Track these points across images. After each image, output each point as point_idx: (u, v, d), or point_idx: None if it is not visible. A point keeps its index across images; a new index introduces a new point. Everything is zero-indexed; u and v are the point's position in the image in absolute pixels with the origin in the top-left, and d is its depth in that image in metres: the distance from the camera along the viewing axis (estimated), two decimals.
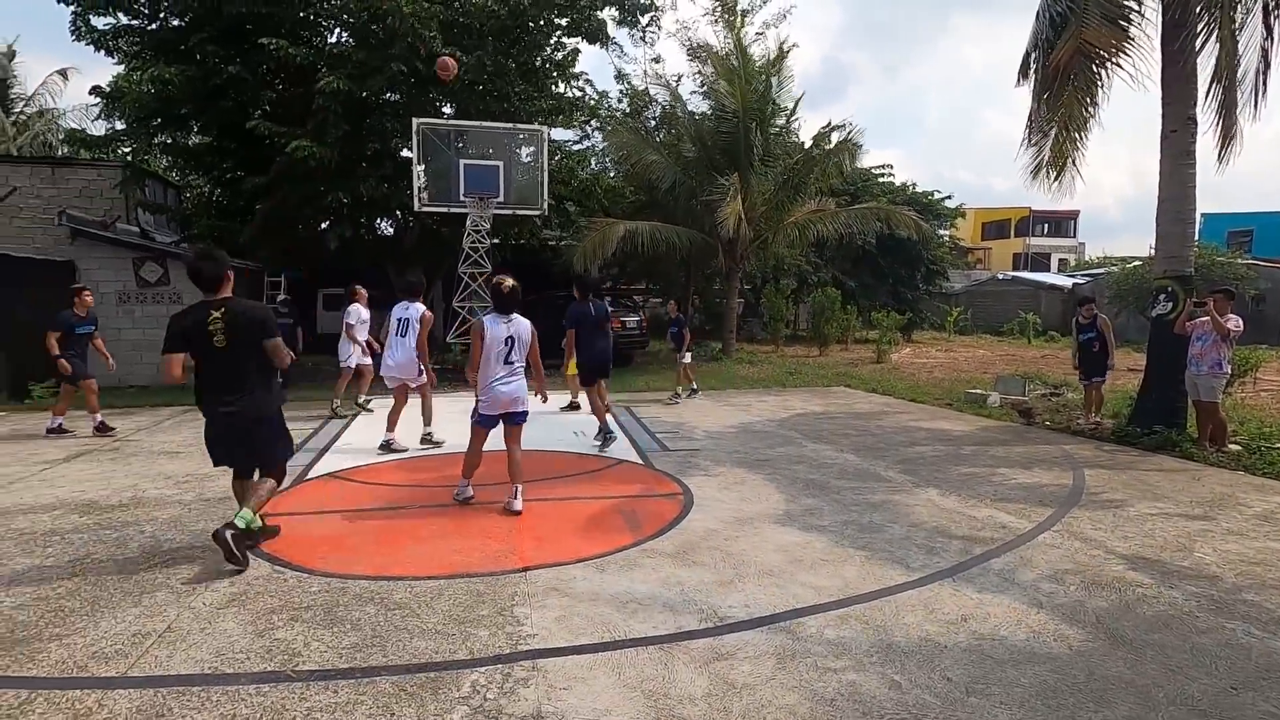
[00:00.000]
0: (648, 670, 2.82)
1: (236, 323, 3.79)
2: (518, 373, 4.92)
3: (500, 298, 4.91)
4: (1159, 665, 2.90)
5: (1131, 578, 3.82)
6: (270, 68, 12.14)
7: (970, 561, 4.03)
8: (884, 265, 22.36)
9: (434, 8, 11.38)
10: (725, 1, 18.19)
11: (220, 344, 3.75)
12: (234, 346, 3.79)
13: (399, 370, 7.00)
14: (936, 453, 7.00)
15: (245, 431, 3.93)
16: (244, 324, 3.81)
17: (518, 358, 4.88)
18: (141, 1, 11.87)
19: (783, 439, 7.59)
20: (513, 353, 4.84)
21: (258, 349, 3.87)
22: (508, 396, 4.86)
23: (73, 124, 20.91)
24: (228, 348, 3.77)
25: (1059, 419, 8.82)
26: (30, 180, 13.79)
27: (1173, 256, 7.79)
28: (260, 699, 2.60)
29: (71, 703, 2.57)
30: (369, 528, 4.60)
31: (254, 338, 3.84)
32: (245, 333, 3.81)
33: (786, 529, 4.59)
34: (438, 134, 12.24)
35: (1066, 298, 27.09)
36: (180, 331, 3.79)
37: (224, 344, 3.76)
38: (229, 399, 3.83)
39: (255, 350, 3.86)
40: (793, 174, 15.88)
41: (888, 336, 17.46)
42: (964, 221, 31.27)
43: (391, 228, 16.32)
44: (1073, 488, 5.70)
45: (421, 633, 3.11)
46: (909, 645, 3.04)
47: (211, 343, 3.75)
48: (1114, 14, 7.47)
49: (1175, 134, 7.53)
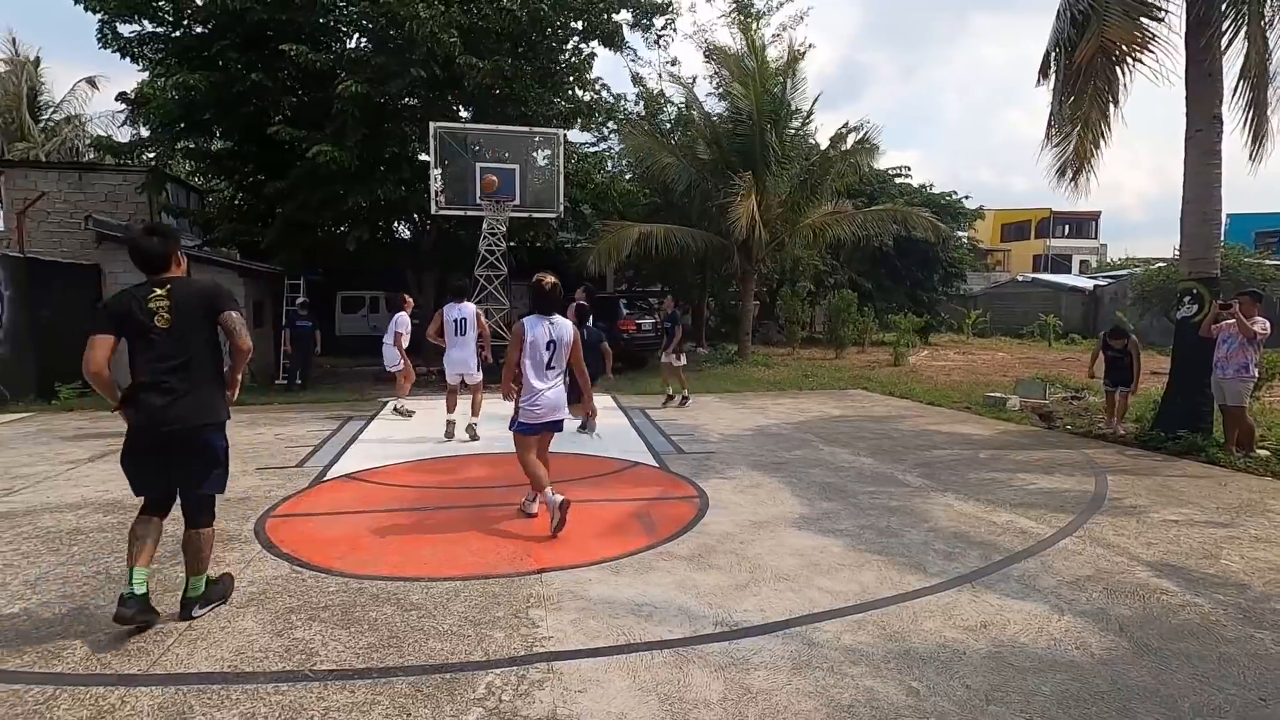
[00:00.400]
0: (663, 674, 2.81)
1: (187, 299, 3.11)
2: (560, 378, 4.58)
3: (542, 297, 4.51)
4: (1185, 675, 2.84)
5: (1156, 585, 3.74)
6: (291, 73, 12.30)
7: (990, 567, 3.98)
8: (901, 267, 22.20)
9: (452, 12, 11.47)
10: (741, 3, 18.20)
11: (163, 324, 3.06)
12: (181, 327, 3.09)
13: (461, 366, 7.68)
14: (955, 457, 6.92)
15: (184, 440, 3.12)
16: (195, 299, 3.13)
17: (559, 363, 4.52)
18: (166, 9, 12.07)
19: (799, 442, 7.55)
20: (554, 357, 4.49)
21: (211, 330, 3.18)
22: (551, 405, 4.49)
23: (99, 130, 21.35)
24: (172, 328, 3.08)
25: (1080, 423, 8.69)
26: (58, 185, 14.07)
27: (1198, 258, 7.65)
28: (279, 698, 2.63)
29: (95, 699, 2.61)
30: (386, 528, 4.63)
31: (206, 315, 3.15)
32: (196, 310, 3.12)
33: (803, 533, 4.55)
34: (455, 137, 12.33)
35: (1087, 300, 26.71)
36: (115, 311, 3.09)
37: (167, 324, 3.07)
38: (169, 392, 3.05)
39: (208, 332, 3.17)
40: (809, 175, 15.82)
41: (905, 339, 17.32)
42: (983, 223, 30.96)
43: (409, 231, 16.45)
44: (1095, 493, 5.61)
45: (437, 634, 3.12)
46: (927, 652, 3.00)
47: (152, 323, 3.05)
48: (1136, 11, 7.37)
49: (1200, 133, 7.40)
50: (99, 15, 11.75)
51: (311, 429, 8.17)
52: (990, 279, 33.81)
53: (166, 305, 3.07)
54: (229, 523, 4.66)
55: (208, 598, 3.33)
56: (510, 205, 12.38)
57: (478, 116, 13.23)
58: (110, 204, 14.16)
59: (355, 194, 11.76)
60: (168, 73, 11.82)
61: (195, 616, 3.24)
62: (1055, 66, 8.20)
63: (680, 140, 17.70)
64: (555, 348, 4.48)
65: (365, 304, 19.81)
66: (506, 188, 12.21)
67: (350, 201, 11.81)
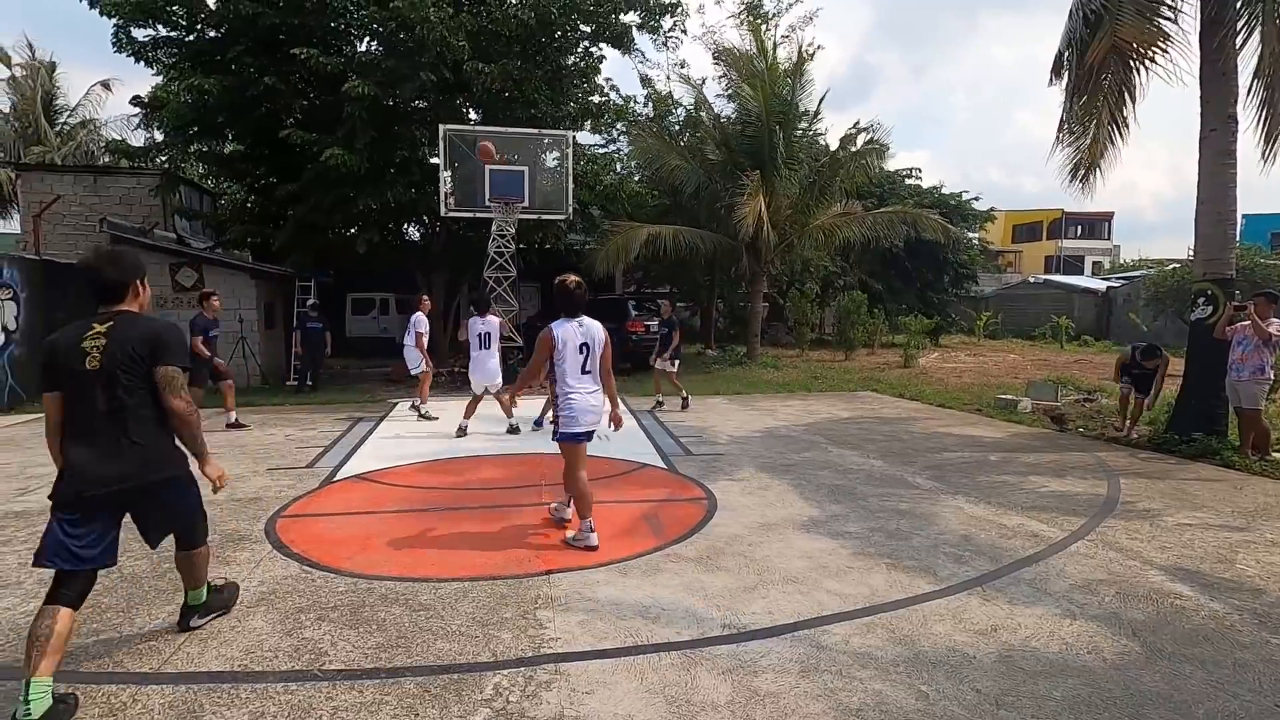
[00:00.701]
0: (670, 676, 2.81)
1: (123, 341, 2.68)
2: (598, 382, 4.34)
3: (567, 297, 4.26)
4: (1199, 680, 2.81)
5: (1170, 589, 3.70)
6: (302, 77, 12.39)
7: (1000, 570, 3.94)
8: (911, 269, 22.07)
9: (462, 17, 11.52)
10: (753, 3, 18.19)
11: (93, 367, 2.64)
12: (108, 372, 2.65)
13: (489, 377, 7.92)
14: (966, 459, 6.88)
15: (135, 498, 2.78)
16: (133, 342, 2.69)
17: (594, 365, 4.29)
18: (180, 14, 12.19)
19: (808, 444, 7.52)
20: (588, 360, 4.26)
21: (146, 380, 2.72)
22: (594, 412, 4.27)
23: (114, 134, 21.60)
24: (100, 372, 2.65)
25: (1093, 426, 8.62)
26: (74, 189, 14.25)
27: (1213, 259, 7.57)
28: (288, 697, 2.64)
29: (108, 697, 2.64)
30: (395, 529, 4.64)
31: (142, 363, 2.71)
32: (131, 355, 2.68)
33: (811, 535, 4.54)
34: (464, 140, 12.39)
35: (1100, 301, 26.47)
36: (50, 358, 2.70)
37: (97, 366, 2.65)
38: (105, 452, 2.68)
39: (141, 381, 2.71)
40: (818, 176, 15.77)
41: (915, 341, 17.23)
42: (994, 224, 30.75)
43: (419, 233, 16.53)
44: (1107, 496, 5.55)
45: (445, 634, 3.13)
46: (937, 655, 2.98)
47: (84, 365, 2.64)
48: (1149, 11, 7.31)
49: (1214, 133, 7.32)
50: (114, 20, 11.88)
51: (322, 430, 8.22)
52: (1002, 280, 33.54)
53: (101, 345, 2.66)
54: (240, 523, 4.70)
55: (209, 607, 3.23)
56: (519, 207, 12.42)
57: (487, 119, 13.28)
58: (124, 206, 14.32)
59: (366, 196, 11.84)
60: (181, 76, 11.94)
61: (194, 627, 3.15)
62: (1067, 66, 8.15)
63: (689, 142, 17.69)
64: (589, 350, 4.25)
65: (375, 305, 19.93)
66: (515, 189, 12.25)
67: (361, 204, 11.89)
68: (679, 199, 16.64)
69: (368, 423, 8.69)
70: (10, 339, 9.64)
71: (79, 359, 2.65)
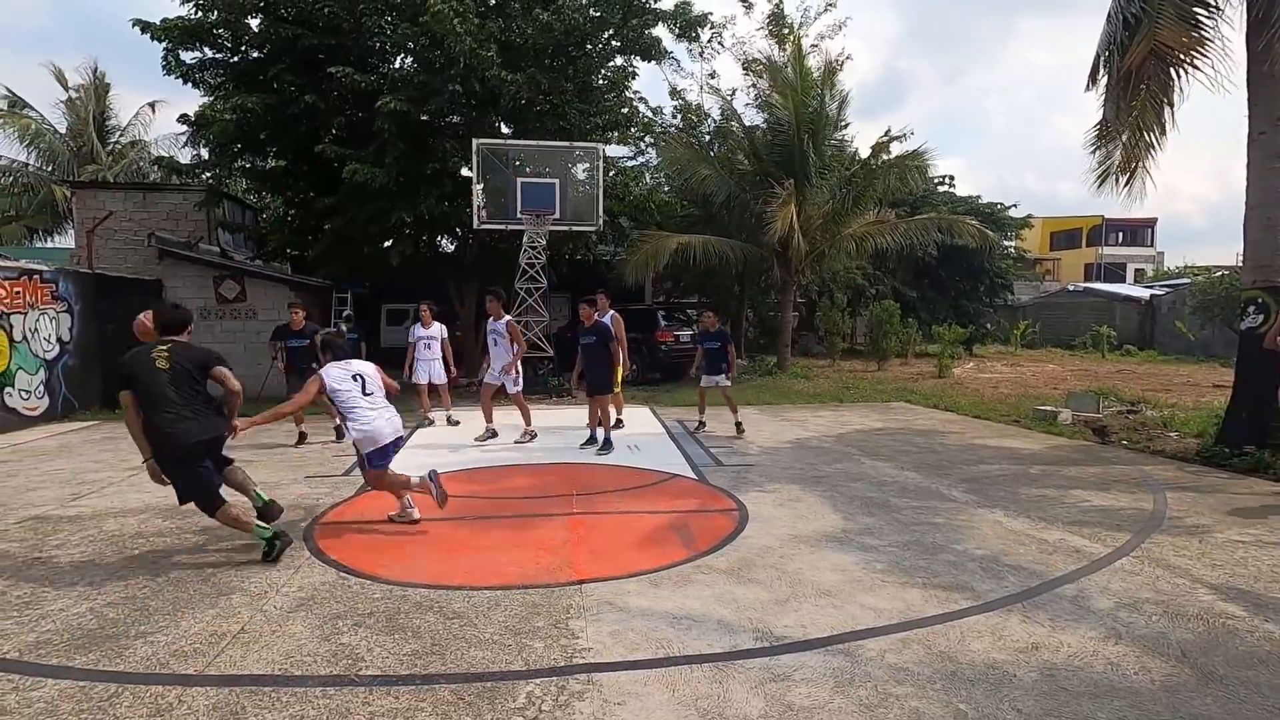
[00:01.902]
0: (702, 688, 2.79)
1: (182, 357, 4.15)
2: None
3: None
4: (1255, 706, 2.69)
5: (1221, 609, 3.57)
6: (340, 94, 12.74)
7: (1041, 587, 3.84)
8: (945, 277, 21.72)
9: (489, 26, 11.72)
10: (779, 13, 18.19)
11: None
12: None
13: (492, 378, 8.20)
14: (1003, 472, 6.73)
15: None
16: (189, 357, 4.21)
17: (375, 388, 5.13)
18: (225, 36, 12.66)
19: (840, 455, 7.43)
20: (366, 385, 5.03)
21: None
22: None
23: (160, 152, 22.43)
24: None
25: (1138, 438, 8.36)
26: (124, 205, 14.82)
27: (1263, 266, 7.32)
28: (326, 701, 2.69)
29: (155, 698, 2.72)
30: (428, 537, 4.71)
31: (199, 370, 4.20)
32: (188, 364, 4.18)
33: (845, 548, 4.48)
34: (496, 153, 12.58)
35: (1143, 310, 25.70)
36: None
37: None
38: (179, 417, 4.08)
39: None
40: (851, 186, 15.65)
41: (949, 350, 16.92)
42: (1031, 231, 30.10)
43: (452, 245, 16.80)
44: (1153, 511, 5.38)
45: (479, 642, 3.16)
46: (975, 673, 2.92)
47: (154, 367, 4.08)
48: (1190, 13, 7.13)
49: (1263, 136, 7.10)
50: (164, 44, 12.38)
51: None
52: (1039, 288, 32.80)
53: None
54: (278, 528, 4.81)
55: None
56: (550, 219, 12.55)
57: (518, 132, 13.48)
58: (171, 221, 14.84)
59: (400, 209, 12.08)
60: (226, 96, 12.38)
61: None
62: (1106, 70, 7.98)
63: (719, 152, 17.70)
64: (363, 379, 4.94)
65: (409, 316, 20.30)
66: (547, 201, 12.39)
67: (395, 217, 12.14)
68: (709, 209, 16.65)
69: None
70: (64, 350, 10.03)
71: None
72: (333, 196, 12.40)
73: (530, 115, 13.20)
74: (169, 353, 4.05)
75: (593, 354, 7.69)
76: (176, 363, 4.03)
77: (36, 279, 9.62)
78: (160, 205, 15.03)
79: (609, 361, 7.72)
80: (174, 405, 3.97)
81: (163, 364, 4.00)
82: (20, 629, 3.31)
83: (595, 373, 7.67)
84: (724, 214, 16.36)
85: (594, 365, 7.69)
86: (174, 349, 4.10)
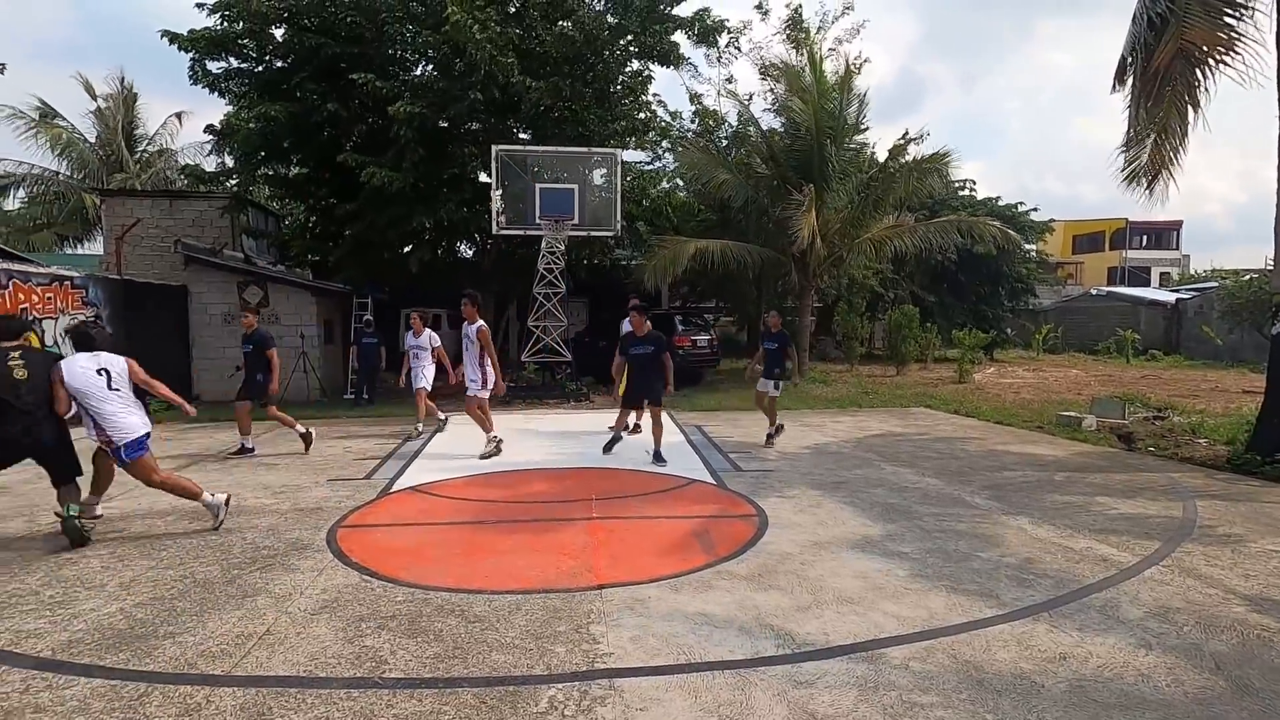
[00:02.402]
0: (724, 695, 2.78)
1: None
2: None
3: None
4: None
5: (1256, 620, 3.49)
6: (361, 102, 12.93)
7: (1067, 596, 3.78)
8: (965, 282, 21.48)
9: (509, 32, 11.82)
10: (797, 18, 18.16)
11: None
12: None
13: (474, 389, 7.71)
14: (1027, 479, 6.63)
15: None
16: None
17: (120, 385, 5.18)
18: (250, 46, 12.91)
19: (860, 461, 7.37)
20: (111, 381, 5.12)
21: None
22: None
23: (186, 160, 22.86)
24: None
25: (1165, 445, 8.20)
26: (151, 212, 15.10)
27: None
28: (350, 703, 2.71)
29: (183, 697, 2.76)
30: (450, 541, 4.74)
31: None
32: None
33: (866, 555, 4.44)
34: (514, 159, 12.67)
35: (1169, 314, 25.25)
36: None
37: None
38: None
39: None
40: (869, 189, 15.56)
41: (969, 355, 16.72)
42: (1052, 235, 29.68)
43: (470, 251, 16.94)
44: (1183, 519, 5.27)
45: (501, 646, 3.17)
46: (1002, 683, 2.88)
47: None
48: (1219, 12, 7.01)
49: None
50: (191, 54, 12.64)
51: (378, 442, 8.46)
52: (1061, 293, 32.32)
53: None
54: (303, 531, 4.87)
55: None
56: (569, 224, 12.61)
57: (537, 139, 13.58)
58: (197, 228, 15.10)
59: (419, 214, 12.21)
60: (250, 105, 12.61)
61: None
62: (1131, 71, 7.87)
63: (736, 156, 17.69)
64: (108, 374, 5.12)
65: (428, 321, 20.50)
66: (565, 206, 12.46)
67: (414, 222, 12.27)
68: (726, 214, 16.63)
69: (422, 436, 8.90)
70: None
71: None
72: (353, 203, 12.57)
73: (549, 121, 13.30)
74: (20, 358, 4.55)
75: (649, 364, 7.37)
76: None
77: (67, 284, 9.84)
78: (186, 212, 15.30)
79: (664, 372, 7.42)
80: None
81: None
82: (53, 628, 3.38)
83: (653, 384, 7.36)
84: (741, 219, 16.33)
85: (650, 376, 7.37)
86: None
